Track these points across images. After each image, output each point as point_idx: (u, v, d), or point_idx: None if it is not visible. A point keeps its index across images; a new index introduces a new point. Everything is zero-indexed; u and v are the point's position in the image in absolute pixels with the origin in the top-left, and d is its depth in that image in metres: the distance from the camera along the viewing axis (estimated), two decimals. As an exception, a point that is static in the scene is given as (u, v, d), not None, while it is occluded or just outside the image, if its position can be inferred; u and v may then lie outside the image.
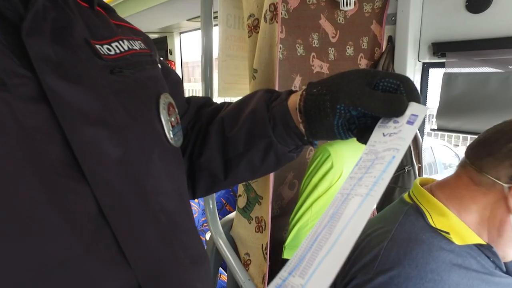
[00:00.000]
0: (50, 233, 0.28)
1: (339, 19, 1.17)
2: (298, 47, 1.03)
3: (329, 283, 0.30)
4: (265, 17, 0.75)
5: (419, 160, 1.25)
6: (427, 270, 0.54)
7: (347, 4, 1.12)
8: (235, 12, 0.97)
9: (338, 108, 0.41)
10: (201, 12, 0.91)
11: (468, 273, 0.56)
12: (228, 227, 1.01)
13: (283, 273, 0.34)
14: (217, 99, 0.95)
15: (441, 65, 1.23)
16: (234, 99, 0.65)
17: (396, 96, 0.39)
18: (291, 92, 0.51)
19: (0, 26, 0.29)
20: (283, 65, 0.95)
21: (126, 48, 0.41)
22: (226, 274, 1.35)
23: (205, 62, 0.93)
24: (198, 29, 2.32)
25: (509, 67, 1.06)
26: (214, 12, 0.95)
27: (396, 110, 0.38)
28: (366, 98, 0.39)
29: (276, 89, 0.82)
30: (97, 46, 0.38)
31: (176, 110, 0.46)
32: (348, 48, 1.23)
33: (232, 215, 1.03)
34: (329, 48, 1.16)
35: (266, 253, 0.86)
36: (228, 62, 0.97)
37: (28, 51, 0.29)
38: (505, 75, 1.05)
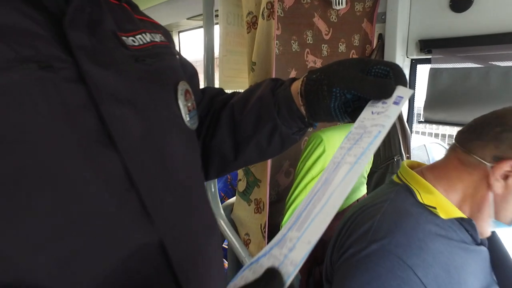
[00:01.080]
0: (88, 189, 0.34)
1: (332, 18, 1.25)
2: (293, 43, 1.11)
3: (319, 235, 0.36)
4: (262, 14, 0.83)
5: (408, 151, 1.33)
6: (415, 238, 0.61)
7: (339, 3, 1.19)
8: (235, 10, 1.04)
9: (334, 92, 0.47)
10: (203, 10, 0.98)
11: (450, 242, 0.64)
12: (229, 211, 1.09)
13: (283, 230, 0.41)
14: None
15: (428, 61, 1.31)
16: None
17: (385, 80, 0.44)
18: (294, 79, 0.56)
19: (45, 18, 0.36)
20: (279, 60, 1.03)
21: (148, 40, 0.47)
22: (226, 262, 1.42)
23: (207, 58, 1.00)
24: (197, 28, 2.38)
25: (489, 62, 1.14)
26: (215, 11, 1.02)
27: (384, 93, 0.44)
28: (358, 82, 0.45)
29: (273, 74, 0.89)
30: (123, 38, 0.44)
31: (193, 96, 0.52)
32: (340, 45, 1.31)
33: (232, 200, 1.10)
34: (322, 45, 1.23)
35: (265, 232, 0.93)
36: (228, 57, 1.04)
37: (69, 40, 0.35)
38: (485, 70, 1.14)
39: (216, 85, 1.07)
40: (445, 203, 0.66)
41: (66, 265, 0.32)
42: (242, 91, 0.65)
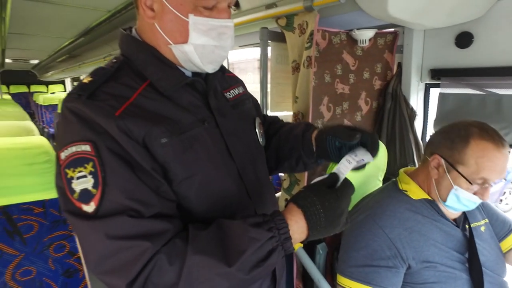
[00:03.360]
0: (225, 180, 0.71)
1: (358, 52, 1.57)
2: (326, 76, 1.44)
3: None
4: (303, 64, 1.18)
5: (420, 159, 1.62)
6: (387, 209, 0.97)
7: (363, 42, 1.52)
8: (282, 53, 1.40)
9: (328, 139, 0.76)
10: (260, 54, 1.35)
11: (417, 214, 0.97)
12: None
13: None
14: (270, 112, 1.39)
15: (439, 85, 1.59)
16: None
17: (370, 135, 0.72)
18: (315, 128, 0.86)
19: (199, 95, 0.72)
20: (315, 90, 1.37)
21: (236, 92, 0.84)
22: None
23: (262, 87, 1.36)
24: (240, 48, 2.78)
25: (485, 89, 1.41)
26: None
27: (351, 139, 0.71)
28: (341, 133, 0.74)
29: (310, 107, 1.24)
30: (225, 94, 0.81)
31: (262, 126, 0.89)
32: (365, 73, 1.63)
33: (278, 194, 1.46)
34: (350, 74, 1.55)
35: (302, 217, 1.28)
36: (277, 87, 1.40)
37: (210, 105, 0.73)
38: (482, 97, 1.41)
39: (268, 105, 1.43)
40: (415, 189, 1.02)
41: (213, 210, 0.69)
42: (289, 113, 0.98)
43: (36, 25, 3.04)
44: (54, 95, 7.74)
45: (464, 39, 1.45)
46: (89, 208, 0.58)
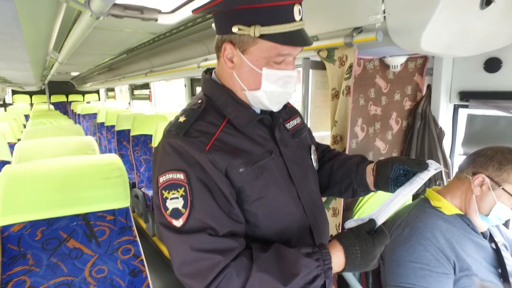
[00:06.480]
0: (287, 201, 0.85)
1: (389, 76, 1.69)
2: (360, 99, 1.57)
3: (386, 218, 0.81)
4: (343, 92, 1.32)
5: (449, 176, 1.71)
6: (428, 223, 1.09)
7: (395, 67, 1.64)
8: (322, 79, 1.55)
9: (394, 167, 0.88)
10: (302, 81, 1.50)
11: (453, 227, 1.08)
12: (312, 214, 1.58)
13: (374, 212, 0.84)
14: (309, 133, 1.53)
15: (467, 106, 1.69)
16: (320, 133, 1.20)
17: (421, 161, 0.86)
18: (371, 162, 0.97)
19: (267, 129, 0.87)
20: (351, 113, 1.50)
21: (295, 123, 0.98)
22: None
23: (304, 112, 1.51)
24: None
25: (512, 112, 1.50)
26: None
27: (422, 167, 0.85)
28: (407, 161, 0.87)
29: (348, 130, 1.38)
30: (286, 125, 0.95)
31: (316, 152, 1.02)
32: (396, 95, 1.74)
33: (315, 206, 1.60)
34: (382, 97, 1.68)
35: (339, 229, 1.41)
36: (316, 110, 1.55)
37: (275, 137, 0.88)
38: (510, 118, 1.50)
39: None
40: (447, 205, 1.13)
41: (276, 224, 0.83)
42: (327, 133, 1.13)
43: (86, 46, 3.33)
44: (90, 105, 8.19)
45: (492, 64, 1.55)
46: (178, 223, 0.73)
